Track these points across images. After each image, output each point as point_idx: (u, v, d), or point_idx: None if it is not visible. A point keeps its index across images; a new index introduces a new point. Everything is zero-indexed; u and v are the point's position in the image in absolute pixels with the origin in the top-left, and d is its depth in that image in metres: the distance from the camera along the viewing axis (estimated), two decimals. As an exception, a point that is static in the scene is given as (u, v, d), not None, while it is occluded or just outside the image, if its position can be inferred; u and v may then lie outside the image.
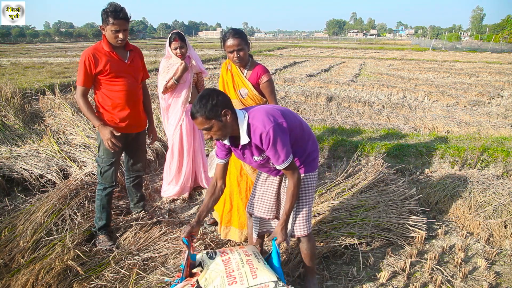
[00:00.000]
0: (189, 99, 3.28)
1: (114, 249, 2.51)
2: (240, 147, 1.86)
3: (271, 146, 1.74)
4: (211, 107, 1.67)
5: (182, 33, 3.20)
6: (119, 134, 2.41)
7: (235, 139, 1.87)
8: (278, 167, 1.81)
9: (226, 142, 1.88)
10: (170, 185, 3.46)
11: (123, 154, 2.78)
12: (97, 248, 2.53)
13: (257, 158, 1.88)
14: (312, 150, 2.01)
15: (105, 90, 2.47)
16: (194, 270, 1.96)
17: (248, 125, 1.77)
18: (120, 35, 2.35)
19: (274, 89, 2.52)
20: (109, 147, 2.40)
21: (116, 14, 2.29)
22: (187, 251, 1.96)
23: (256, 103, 2.49)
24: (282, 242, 1.99)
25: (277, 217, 2.16)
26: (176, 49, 3.09)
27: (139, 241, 2.62)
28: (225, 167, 2.04)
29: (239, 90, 2.50)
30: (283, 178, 2.07)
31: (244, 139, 1.79)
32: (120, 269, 2.33)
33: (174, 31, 3.16)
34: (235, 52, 2.35)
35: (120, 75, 2.46)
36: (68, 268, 2.26)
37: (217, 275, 1.84)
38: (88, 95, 2.49)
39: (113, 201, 3.14)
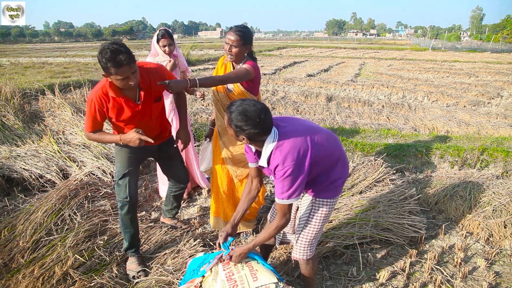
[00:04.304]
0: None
1: (141, 277, 2.26)
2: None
3: (280, 181, 1.69)
4: (236, 127, 1.65)
5: (169, 30, 3.18)
6: (141, 131, 2.13)
7: (259, 153, 1.81)
8: (276, 199, 1.76)
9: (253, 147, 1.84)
10: (166, 186, 3.45)
11: (158, 168, 2.65)
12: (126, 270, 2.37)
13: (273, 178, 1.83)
14: (338, 177, 1.88)
15: (120, 129, 2.23)
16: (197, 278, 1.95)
17: (272, 151, 1.71)
18: (131, 82, 1.96)
19: (237, 74, 2.36)
20: (142, 142, 2.09)
21: (116, 62, 1.85)
22: (222, 252, 1.95)
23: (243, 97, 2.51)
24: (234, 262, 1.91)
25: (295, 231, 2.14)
26: (165, 46, 3.06)
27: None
28: (258, 169, 1.97)
29: (227, 85, 2.53)
30: (303, 194, 2.00)
31: (262, 163, 1.75)
32: (120, 270, 2.33)
33: (161, 28, 3.14)
34: (228, 46, 2.41)
35: (131, 122, 2.18)
36: (68, 270, 2.26)
37: (218, 279, 1.84)
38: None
39: (113, 201, 3.14)
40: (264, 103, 1.70)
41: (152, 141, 2.10)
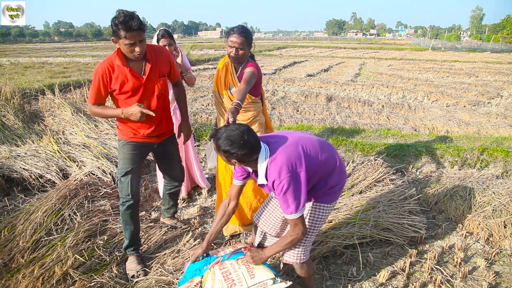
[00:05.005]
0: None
1: (140, 276, 2.27)
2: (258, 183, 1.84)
3: (282, 195, 1.71)
4: (224, 152, 1.70)
5: (169, 30, 3.18)
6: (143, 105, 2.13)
7: (257, 172, 1.83)
8: (285, 215, 1.76)
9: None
10: None
11: (156, 165, 2.68)
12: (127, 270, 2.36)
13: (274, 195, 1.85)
14: (336, 183, 1.90)
15: (122, 104, 2.22)
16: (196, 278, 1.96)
17: (267, 167, 1.74)
18: (137, 49, 2.03)
19: (250, 80, 2.35)
20: (143, 115, 2.10)
21: (127, 25, 1.94)
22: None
23: (246, 101, 2.51)
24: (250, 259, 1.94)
25: (278, 236, 2.14)
26: (165, 46, 3.07)
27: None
28: (240, 188, 1.99)
29: (229, 87, 2.55)
30: None
31: (261, 181, 1.78)
32: (120, 270, 2.33)
33: (161, 28, 3.13)
34: (234, 49, 2.38)
35: (134, 94, 2.19)
36: (68, 270, 2.26)
37: (215, 279, 1.84)
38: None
39: (113, 200, 3.14)
40: (247, 125, 1.74)
41: (153, 114, 2.12)
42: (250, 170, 1.86)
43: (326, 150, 1.87)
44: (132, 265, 2.34)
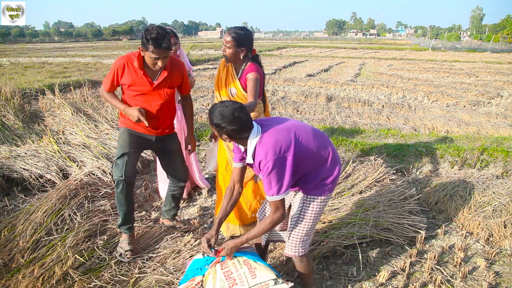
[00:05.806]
0: (179, 97, 3.24)
1: (127, 257, 2.37)
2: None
3: (266, 176, 1.73)
4: (215, 125, 1.76)
5: (174, 30, 3.19)
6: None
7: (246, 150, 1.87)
8: (267, 197, 1.80)
9: (242, 146, 1.89)
10: (166, 185, 3.44)
11: (158, 167, 2.70)
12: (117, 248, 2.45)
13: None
14: (328, 175, 1.90)
15: (128, 98, 2.35)
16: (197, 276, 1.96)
17: (255, 147, 1.77)
18: (159, 63, 2.17)
19: (255, 87, 2.43)
20: (140, 120, 2.25)
21: (157, 43, 2.09)
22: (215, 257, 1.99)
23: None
24: (225, 256, 1.95)
25: (284, 229, 2.14)
26: None
27: (139, 240, 2.62)
28: (242, 170, 2.02)
29: (230, 89, 2.57)
30: (295, 192, 2.04)
31: (248, 160, 1.82)
32: (120, 270, 2.33)
33: (166, 28, 3.13)
34: (224, 46, 2.48)
35: (142, 96, 2.31)
36: (68, 270, 2.26)
37: (217, 278, 1.84)
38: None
39: (113, 200, 3.14)
40: (241, 103, 1.79)
41: (147, 124, 2.27)
42: (243, 149, 1.89)
43: (319, 140, 1.87)
44: (123, 244, 2.42)
